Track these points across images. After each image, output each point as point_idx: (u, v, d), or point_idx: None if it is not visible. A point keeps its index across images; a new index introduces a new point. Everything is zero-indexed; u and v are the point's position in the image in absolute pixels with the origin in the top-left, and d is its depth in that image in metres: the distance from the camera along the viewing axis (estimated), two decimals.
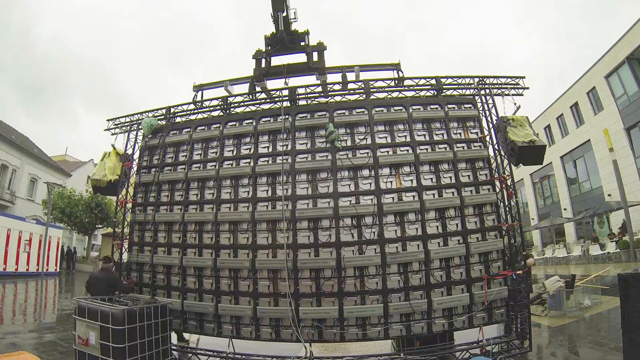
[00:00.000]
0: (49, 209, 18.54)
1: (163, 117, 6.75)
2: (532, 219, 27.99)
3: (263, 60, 5.59)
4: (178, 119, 6.82)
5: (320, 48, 5.51)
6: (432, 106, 5.95)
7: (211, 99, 6.63)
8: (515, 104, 6.01)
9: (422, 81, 6.10)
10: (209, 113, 6.69)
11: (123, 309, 4.24)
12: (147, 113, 6.82)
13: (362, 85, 6.08)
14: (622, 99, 18.59)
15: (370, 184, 5.48)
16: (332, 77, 6.08)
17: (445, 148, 5.67)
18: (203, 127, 6.42)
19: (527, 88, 6.08)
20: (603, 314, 7.64)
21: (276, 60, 5.70)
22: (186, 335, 6.22)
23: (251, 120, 6.16)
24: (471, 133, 5.84)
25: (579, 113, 22.39)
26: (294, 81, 6.21)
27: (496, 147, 5.88)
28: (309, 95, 6.31)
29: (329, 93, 6.22)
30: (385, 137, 5.75)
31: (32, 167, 26.36)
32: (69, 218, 22.23)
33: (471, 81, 6.10)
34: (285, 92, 6.12)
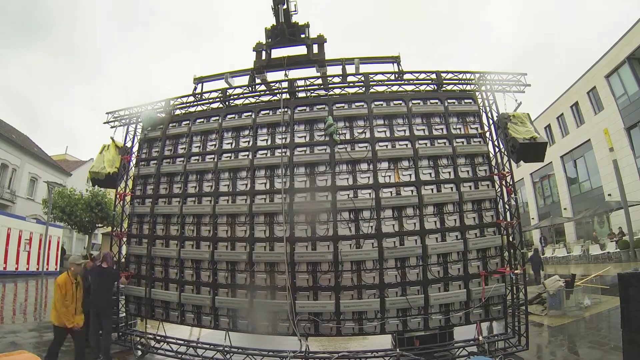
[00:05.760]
0: (49, 208, 18.62)
1: (162, 109, 6.73)
2: (532, 218, 27.94)
3: (263, 53, 5.59)
4: (177, 112, 6.80)
5: (321, 40, 5.50)
6: (432, 101, 5.94)
7: (210, 91, 6.61)
8: (516, 100, 5.95)
9: (422, 75, 6.06)
10: (208, 105, 6.67)
11: None
12: (146, 106, 6.79)
13: (362, 79, 6.06)
14: (622, 99, 18.56)
15: (369, 177, 5.47)
16: (332, 70, 6.08)
17: (445, 143, 5.64)
18: (202, 120, 6.41)
19: (529, 85, 6.01)
20: (603, 313, 7.63)
21: (276, 53, 5.70)
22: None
23: (250, 113, 6.15)
24: (471, 128, 5.81)
25: (580, 113, 22.34)
26: (293, 73, 6.22)
27: (496, 143, 5.85)
28: (308, 88, 6.29)
29: (329, 86, 6.19)
30: (385, 131, 5.73)
31: (32, 167, 26.38)
32: (69, 217, 22.18)
33: (472, 76, 6.05)
34: (285, 85, 6.10)
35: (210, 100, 6.63)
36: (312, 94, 6.34)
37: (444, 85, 6.12)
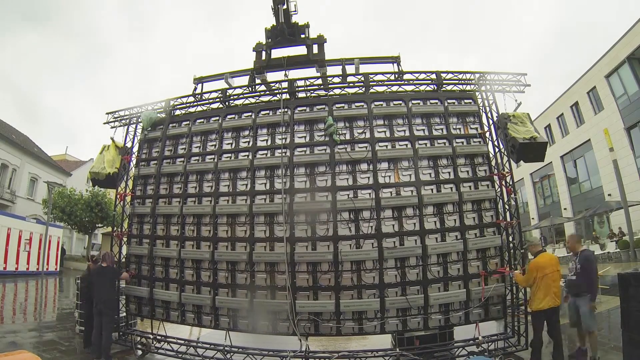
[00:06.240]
0: (49, 208, 18.62)
1: (162, 110, 6.74)
2: (532, 218, 27.96)
3: (263, 53, 5.59)
4: (177, 112, 6.80)
5: (321, 40, 5.51)
6: (431, 101, 5.94)
7: (210, 92, 6.62)
8: (516, 100, 5.95)
9: (422, 75, 6.05)
10: (208, 106, 6.68)
11: None
12: (146, 106, 6.80)
13: (362, 79, 6.06)
14: (622, 99, 18.58)
15: (369, 178, 5.47)
16: (332, 70, 6.08)
17: (445, 143, 5.64)
18: (202, 120, 6.41)
19: (529, 85, 6.02)
20: (603, 313, 7.59)
21: (276, 53, 5.70)
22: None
23: (250, 113, 6.15)
24: (471, 128, 5.81)
25: (580, 113, 22.37)
26: (293, 74, 6.22)
27: (496, 143, 5.85)
28: (308, 88, 6.29)
29: (329, 86, 6.19)
30: (384, 132, 5.73)
31: (32, 167, 26.40)
32: (69, 217, 22.20)
33: (472, 76, 6.05)
34: (285, 85, 6.11)
35: (210, 101, 6.63)
36: (312, 94, 6.34)
37: (444, 86, 6.12)
